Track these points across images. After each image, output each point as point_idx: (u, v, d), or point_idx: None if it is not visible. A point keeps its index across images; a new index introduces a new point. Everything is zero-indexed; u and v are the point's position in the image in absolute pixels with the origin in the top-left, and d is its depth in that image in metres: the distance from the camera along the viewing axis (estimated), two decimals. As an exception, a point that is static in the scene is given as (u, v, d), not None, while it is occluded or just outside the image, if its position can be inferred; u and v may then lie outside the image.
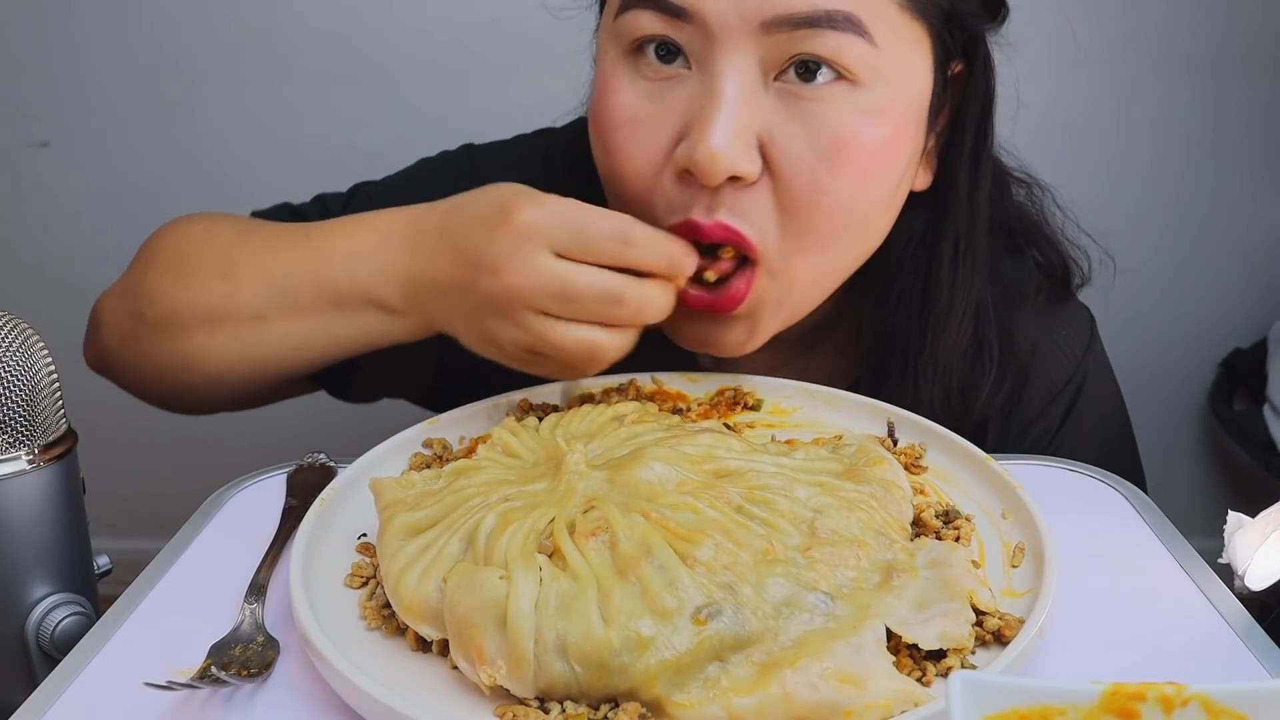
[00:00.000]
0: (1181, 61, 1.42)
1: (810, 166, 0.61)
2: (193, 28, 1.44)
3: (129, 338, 0.77)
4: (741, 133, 0.60)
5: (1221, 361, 1.56)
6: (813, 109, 0.61)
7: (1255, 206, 1.50)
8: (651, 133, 0.64)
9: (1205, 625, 0.54)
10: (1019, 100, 0.73)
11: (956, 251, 0.71)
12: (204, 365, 0.74)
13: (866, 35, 0.60)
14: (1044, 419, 0.78)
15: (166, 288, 0.75)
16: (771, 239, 0.64)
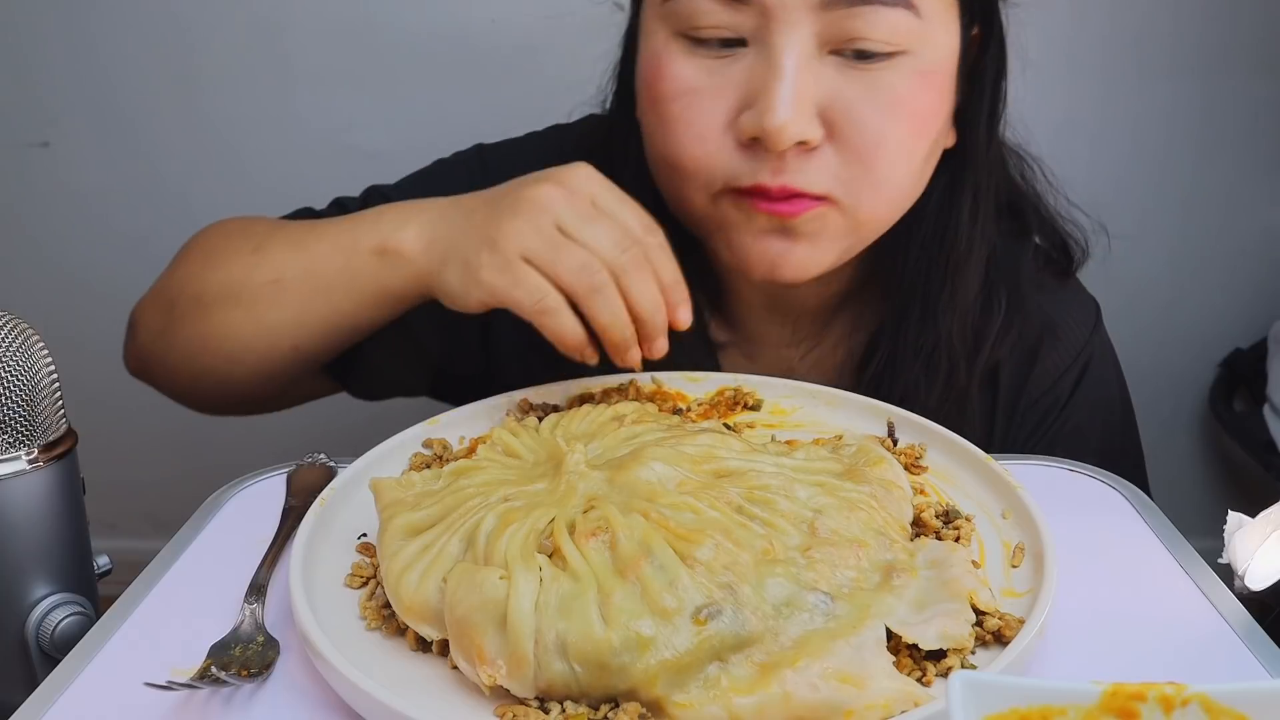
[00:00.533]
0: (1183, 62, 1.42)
1: (872, 124, 0.66)
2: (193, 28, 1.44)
3: (160, 331, 0.79)
4: (803, 102, 0.65)
5: (1221, 361, 1.56)
6: (868, 76, 0.66)
7: (1256, 206, 1.50)
8: (711, 103, 0.67)
9: (1205, 625, 0.54)
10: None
11: (975, 202, 0.76)
12: (223, 343, 0.76)
13: (912, 7, 0.66)
14: (1053, 391, 0.82)
15: (197, 272, 0.78)
16: (840, 190, 0.68)
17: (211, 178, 1.50)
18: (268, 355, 0.76)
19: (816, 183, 0.67)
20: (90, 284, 1.57)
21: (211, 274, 0.77)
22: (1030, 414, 0.82)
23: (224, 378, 0.78)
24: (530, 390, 0.72)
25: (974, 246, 0.76)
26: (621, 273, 0.63)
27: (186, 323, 0.77)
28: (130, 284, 1.55)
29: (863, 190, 0.68)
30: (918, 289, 0.77)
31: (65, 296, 1.55)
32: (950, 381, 0.77)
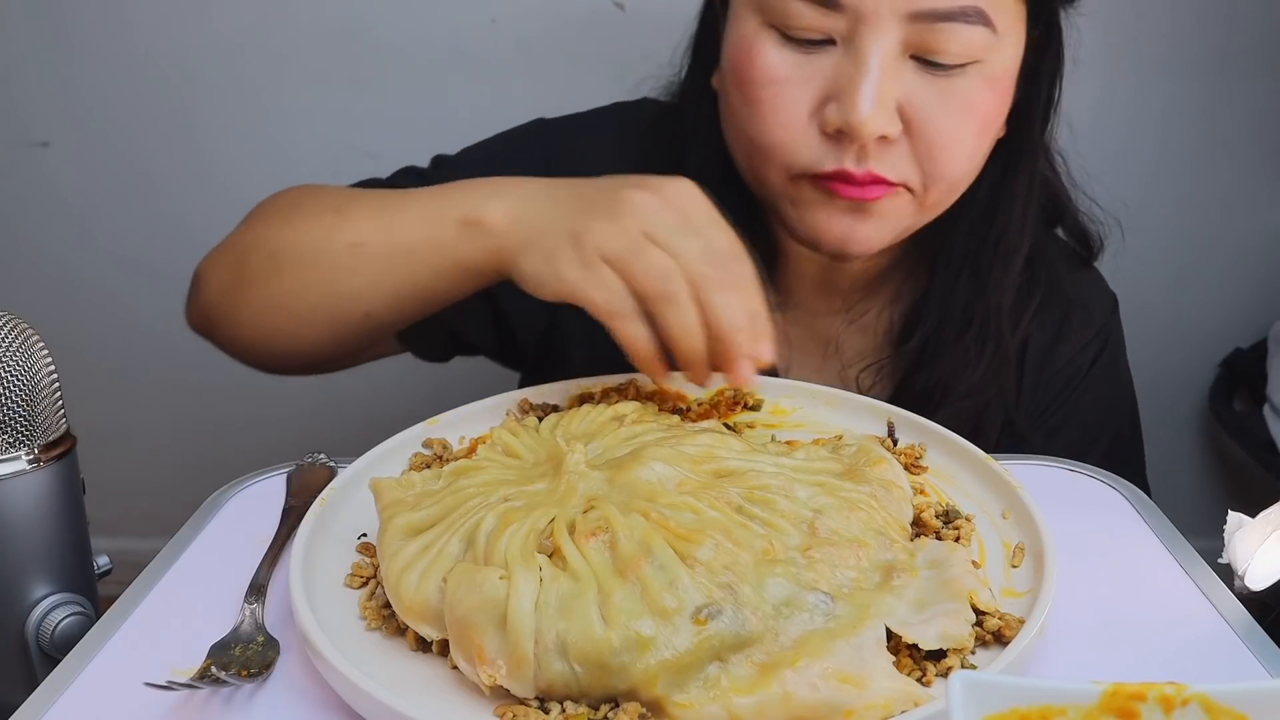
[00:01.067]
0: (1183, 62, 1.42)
1: (945, 126, 0.72)
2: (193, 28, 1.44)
3: (229, 288, 0.78)
4: (886, 99, 0.70)
5: (1221, 361, 1.56)
6: (943, 81, 0.72)
7: (1256, 207, 1.50)
8: (798, 94, 0.72)
9: (1205, 625, 0.54)
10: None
11: (1028, 190, 0.82)
12: (295, 304, 0.75)
13: (990, 24, 0.71)
14: (1075, 362, 0.88)
15: (273, 231, 0.77)
16: (911, 181, 0.74)
17: (212, 178, 1.50)
18: (340, 319, 0.75)
19: (893, 171, 0.73)
20: (90, 284, 1.57)
21: (289, 233, 0.76)
22: (1054, 382, 0.87)
23: (293, 338, 0.77)
24: (530, 390, 0.72)
25: (1025, 230, 0.82)
26: (703, 286, 0.62)
27: (259, 281, 0.76)
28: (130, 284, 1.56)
29: (931, 180, 0.74)
30: (968, 265, 0.83)
31: (65, 296, 1.55)
32: (996, 354, 0.82)
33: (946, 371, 0.82)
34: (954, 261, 0.83)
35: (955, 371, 0.82)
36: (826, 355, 0.88)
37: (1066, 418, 0.87)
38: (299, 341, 0.78)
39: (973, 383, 0.81)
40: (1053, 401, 0.87)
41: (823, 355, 0.88)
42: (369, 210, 0.74)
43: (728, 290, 0.62)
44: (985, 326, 0.82)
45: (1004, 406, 0.84)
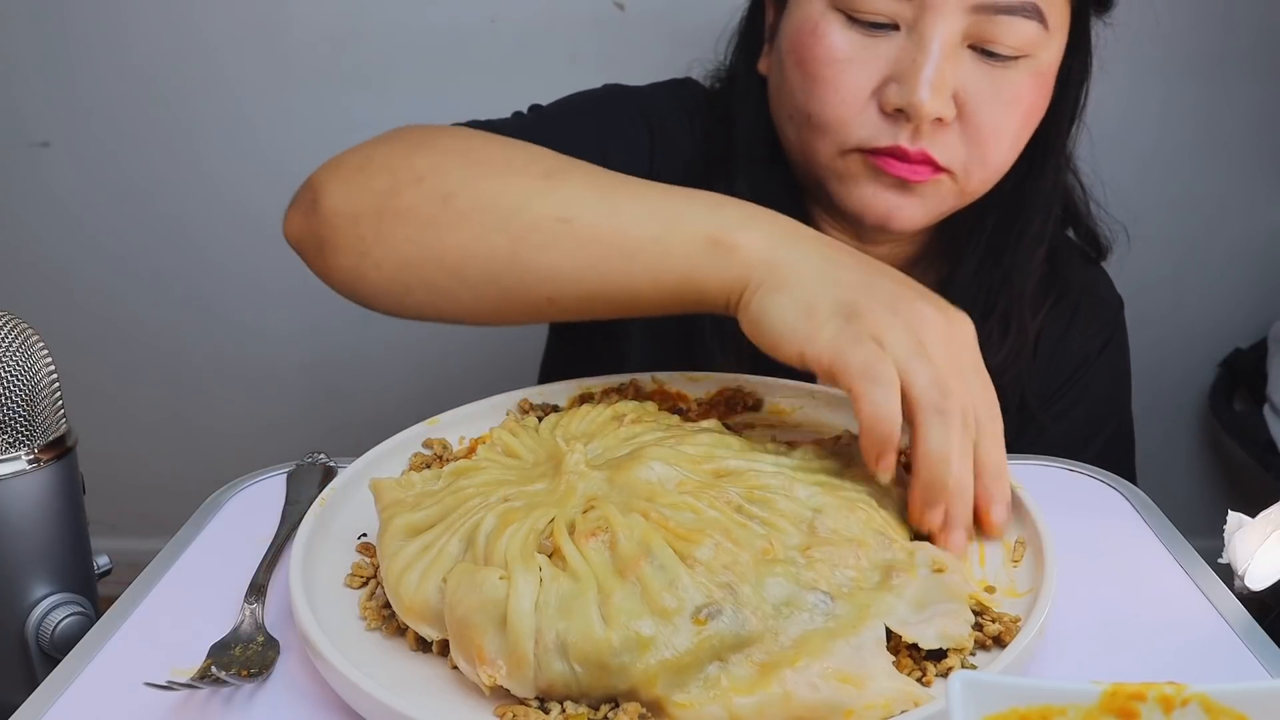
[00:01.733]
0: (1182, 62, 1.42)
1: (995, 114, 0.76)
2: (193, 28, 1.44)
3: (372, 214, 0.67)
4: (945, 84, 0.74)
5: (1221, 361, 1.56)
6: (996, 72, 0.76)
7: (1255, 207, 1.50)
8: (861, 72, 0.76)
9: (1205, 625, 0.54)
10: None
11: (1053, 188, 0.86)
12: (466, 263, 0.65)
13: (1044, 21, 0.75)
14: (1085, 349, 0.92)
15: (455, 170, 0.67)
16: (959, 164, 0.77)
17: (211, 178, 1.50)
18: (516, 295, 0.65)
19: (943, 154, 0.76)
20: (90, 284, 1.57)
21: (477, 179, 0.66)
22: (1064, 368, 0.91)
23: (444, 296, 0.67)
24: (530, 390, 0.72)
25: (1047, 225, 0.86)
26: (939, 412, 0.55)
27: (420, 221, 0.65)
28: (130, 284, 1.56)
29: (975, 167, 0.78)
30: (992, 255, 0.86)
31: (65, 296, 1.55)
32: (1018, 339, 0.86)
33: None
34: (979, 251, 0.86)
35: None
36: None
37: (1074, 402, 0.91)
38: (450, 302, 0.67)
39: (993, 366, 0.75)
40: (1062, 385, 0.91)
41: None
42: (584, 185, 0.65)
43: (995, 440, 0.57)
44: (1008, 312, 0.85)
45: (1019, 389, 0.87)
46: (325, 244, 0.69)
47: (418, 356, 1.56)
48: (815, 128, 0.78)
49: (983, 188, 0.81)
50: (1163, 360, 1.54)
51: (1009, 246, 0.85)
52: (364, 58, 1.44)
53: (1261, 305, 1.53)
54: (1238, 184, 1.48)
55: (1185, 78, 1.42)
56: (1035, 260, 0.86)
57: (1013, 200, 0.85)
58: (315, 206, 0.70)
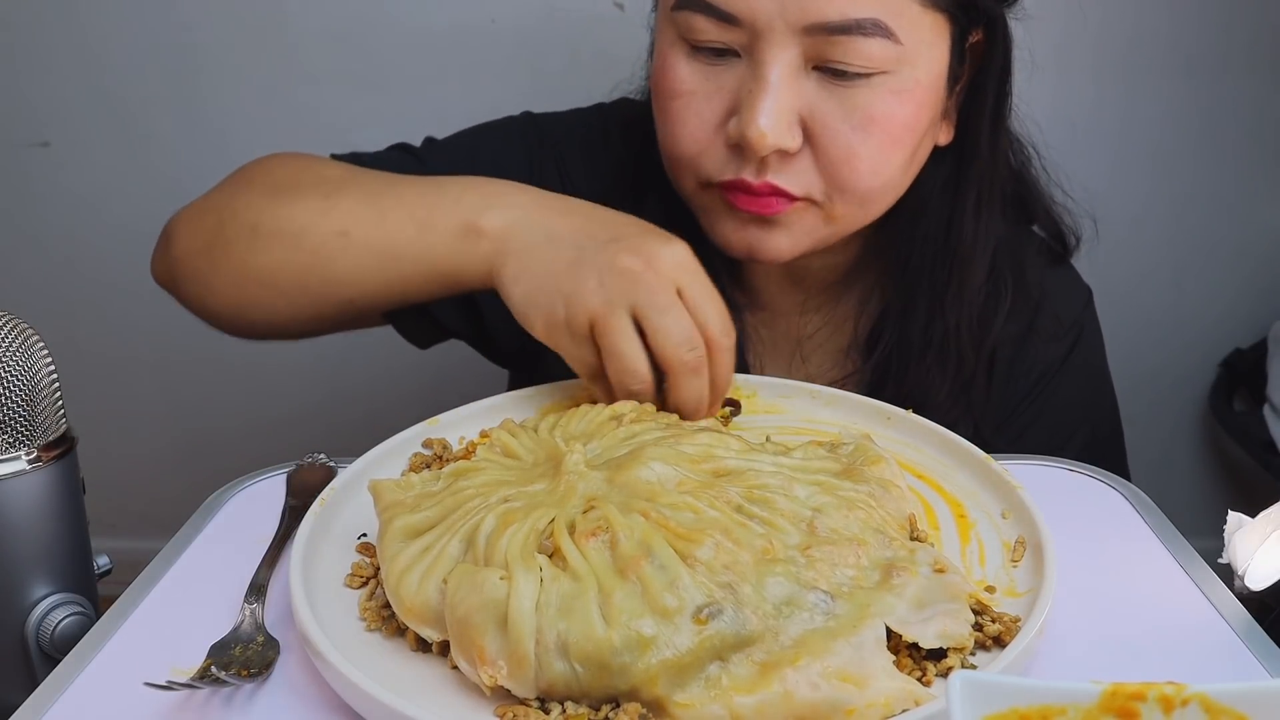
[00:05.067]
0: (1182, 62, 1.42)
1: (846, 137, 0.72)
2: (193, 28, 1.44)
3: (205, 250, 0.78)
4: (784, 113, 0.70)
5: (1221, 361, 1.56)
6: (845, 93, 0.71)
7: (1255, 207, 1.50)
8: (705, 105, 0.74)
9: (1205, 625, 0.54)
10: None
11: (979, 199, 0.81)
12: (276, 279, 0.75)
13: (891, 36, 0.70)
14: (1045, 358, 0.87)
15: (257, 201, 0.77)
16: (818, 192, 0.74)
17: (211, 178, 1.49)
18: (322, 301, 0.75)
19: (795, 184, 0.73)
20: (90, 284, 1.57)
21: (275, 207, 0.75)
22: (1021, 382, 0.86)
23: (270, 309, 0.77)
24: (530, 390, 0.72)
25: (979, 240, 0.81)
26: (676, 372, 0.65)
27: (238, 250, 0.76)
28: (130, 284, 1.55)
29: (835, 194, 0.74)
30: (924, 281, 0.82)
31: (65, 297, 1.55)
32: (959, 371, 0.82)
33: (912, 388, 0.81)
34: (910, 276, 0.82)
35: (921, 389, 0.81)
36: (793, 360, 0.89)
37: (1035, 417, 0.87)
38: (276, 314, 0.78)
39: (938, 399, 0.81)
40: (1021, 401, 0.87)
41: (789, 363, 0.89)
42: (360, 200, 0.74)
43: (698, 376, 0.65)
44: (945, 347, 0.81)
45: (973, 419, 0.83)
46: (177, 280, 0.81)
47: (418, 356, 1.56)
48: (673, 161, 0.77)
49: (859, 211, 0.76)
50: (1163, 360, 1.54)
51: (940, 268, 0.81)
52: (364, 58, 1.44)
53: (1261, 305, 1.53)
54: (1238, 184, 1.48)
55: (1185, 78, 1.42)
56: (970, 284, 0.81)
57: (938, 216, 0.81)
58: (168, 250, 0.81)
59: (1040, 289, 0.86)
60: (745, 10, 0.69)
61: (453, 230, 0.70)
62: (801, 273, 0.86)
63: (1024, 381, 0.86)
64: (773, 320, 0.89)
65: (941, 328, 0.81)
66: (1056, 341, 0.87)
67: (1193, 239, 1.51)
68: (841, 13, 0.68)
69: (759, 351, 0.88)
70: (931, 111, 0.75)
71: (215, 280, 0.78)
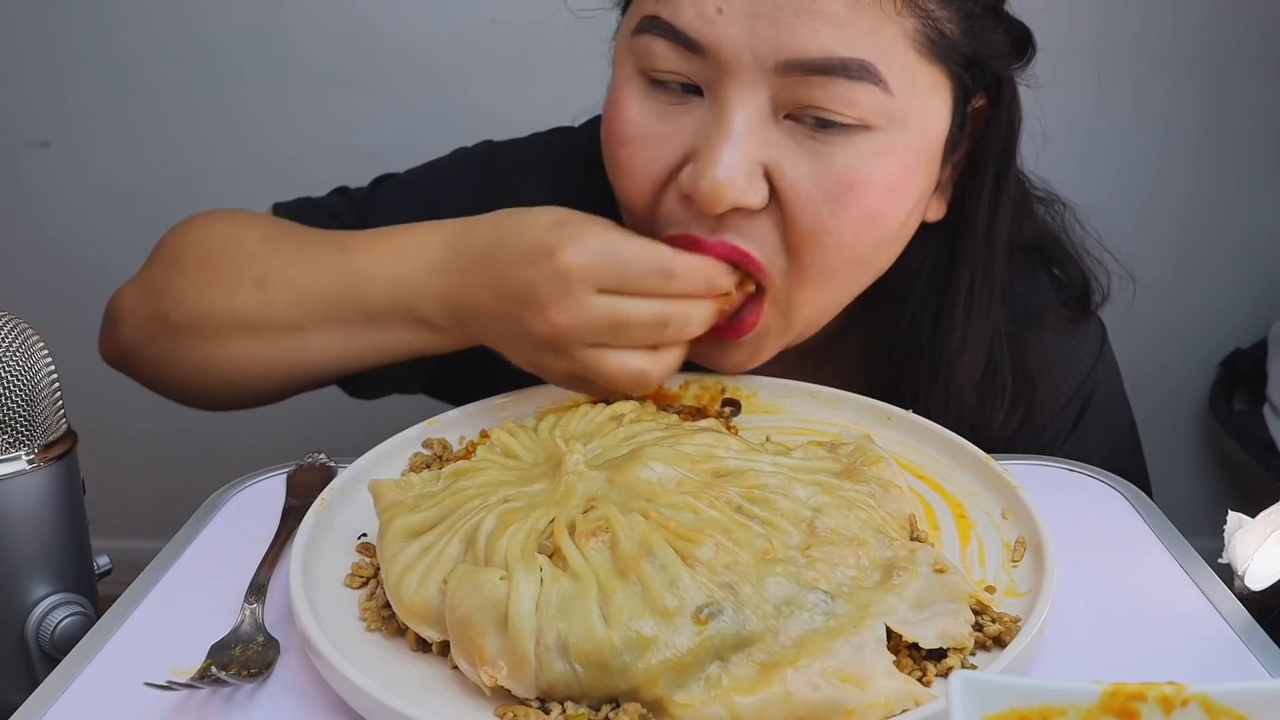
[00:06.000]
0: (1182, 62, 1.42)
1: (816, 204, 0.61)
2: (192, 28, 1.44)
3: (152, 338, 0.77)
4: (746, 165, 0.61)
5: (1221, 361, 1.56)
6: (821, 148, 0.61)
7: (1255, 207, 1.50)
8: (657, 152, 0.64)
9: (1205, 625, 0.54)
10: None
11: (972, 285, 0.71)
12: (238, 371, 0.75)
13: (881, 83, 0.60)
14: (1052, 426, 0.78)
15: (195, 290, 0.74)
16: (778, 265, 0.64)
17: (211, 178, 1.50)
18: (275, 382, 0.76)
19: (758, 246, 0.64)
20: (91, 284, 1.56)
21: (213, 297, 0.74)
22: (1033, 444, 0.77)
23: (223, 394, 0.78)
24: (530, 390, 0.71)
25: (970, 334, 0.72)
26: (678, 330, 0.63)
27: (189, 342, 0.75)
28: (130, 284, 1.55)
29: (795, 276, 0.64)
30: (907, 376, 0.74)
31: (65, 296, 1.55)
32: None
33: None
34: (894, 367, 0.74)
35: None
36: None
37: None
38: (239, 399, 0.78)
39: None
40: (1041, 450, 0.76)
41: None
42: (293, 290, 0.71)
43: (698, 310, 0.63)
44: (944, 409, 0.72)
45: None
46: (131, 365, 0.80)
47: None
48: (624, 208, 0.68)
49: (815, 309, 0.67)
50: (1163, 360, 1.54)
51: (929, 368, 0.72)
52: (364, 58, 1.44)
53: (1261, 305, 1.53)
54: (1238, 185, 1.48)
55: (1185, 78, 1.42)
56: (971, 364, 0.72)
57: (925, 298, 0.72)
58: (115, 335, 0.80)
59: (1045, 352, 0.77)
60: (711, 38, 0.60)
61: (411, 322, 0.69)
62: None
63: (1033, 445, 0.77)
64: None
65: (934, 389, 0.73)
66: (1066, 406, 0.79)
67: (1193, 239, 1.51)
68: (824, 49, 0.59)
69: None
70: (922, 184, 0.65)
71: (172, 368, 0.77)
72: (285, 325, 0.72)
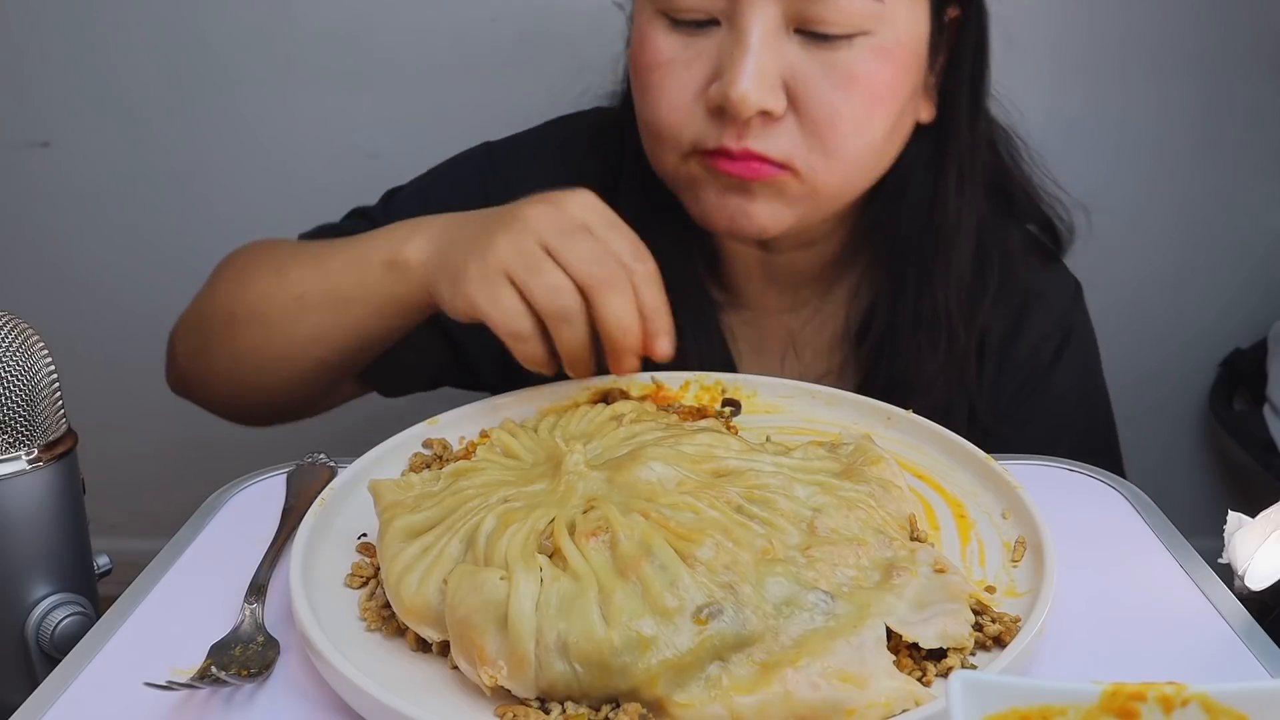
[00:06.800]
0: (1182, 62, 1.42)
1: (828, 96, 0.72)
2: (193, 28, 1.44)
3: (197, 351, 0.84)
4: (767, 75, 0.70)
5: (1221, 361, 1.56)
6: (827, 54, 0.72)
7: (1255, 207, 1.50)
8: (685, 74, 0.74)
9: (1205, 625, 0.54)
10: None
11: (961, 175, 0.82)
12: (255, 359, 0.80)
13: None
14: (1037, 354, 0.87)
15: (227, 292, 0.83)
16: (800, 158, 0.73)
17: (211, 178, 1.50)
18: (297, 368, 0.80)
19: (776, 149, 0.72)
20: (90, 284, 1.56)
21: (240, 293, 0.81)
22: (1015, 375, 0.87)
23: (259, 390, 0.83)
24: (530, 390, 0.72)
25: (963, 217, 0.82)
26: (595, 289, 0.64)
27: (220, 342, 0.82)
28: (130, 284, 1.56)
29: (818, 160, 0.73)
30: (910, 256, 0.83)
31: (65, 296, 1.55)
32: (950, 347, 0.82)
33: (904, 367, 0.82)
34: (898, 255, 0.83)
35: (912, 367, 0.82)
36: (786, 356, 0.89)
37: (1033, 411, 0.87)
38: (266, 393, 0.83)
39: (930, 376, 0.82)
40: (1018, 393, 0.87)
41: (782, 356, 0.89)
42: (306, 263, 0.78)
43: (619, 288, 0.64)
44: (936, 321, 0.82)
45: (967, 400, 0.84)
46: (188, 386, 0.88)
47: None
48: (654, 136, 0.77)
49: (840, 185, 0.76)
50: (1163, 360, 1.54)
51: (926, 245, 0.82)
52: (365, 58, 1.44)
53: (1261, 305, 1.53)
54: (1238, 185, 1.48)
55: (1185, 78, 1.42)
56: (957, 260, 0.82)
57: (922, 195, 0.82)
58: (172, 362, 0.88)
59: (1028, 283, 0.87)
60: None
61: (382, 264, 0.73)
62: (786, 271, 0.87)
63: (1018, 375, 0.87)
64: (760, 320, 0.89)
65: (930, 303, 0.82)
66: (1046, 339, 0.88)
67: (1192, 239, 1.51)
68: None
69: (742, 350, 0.89)
70: (913, 77, 0.76)
71: (211, 376, 0.85)
72: (290, 296, 0.77)
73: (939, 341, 0.82)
